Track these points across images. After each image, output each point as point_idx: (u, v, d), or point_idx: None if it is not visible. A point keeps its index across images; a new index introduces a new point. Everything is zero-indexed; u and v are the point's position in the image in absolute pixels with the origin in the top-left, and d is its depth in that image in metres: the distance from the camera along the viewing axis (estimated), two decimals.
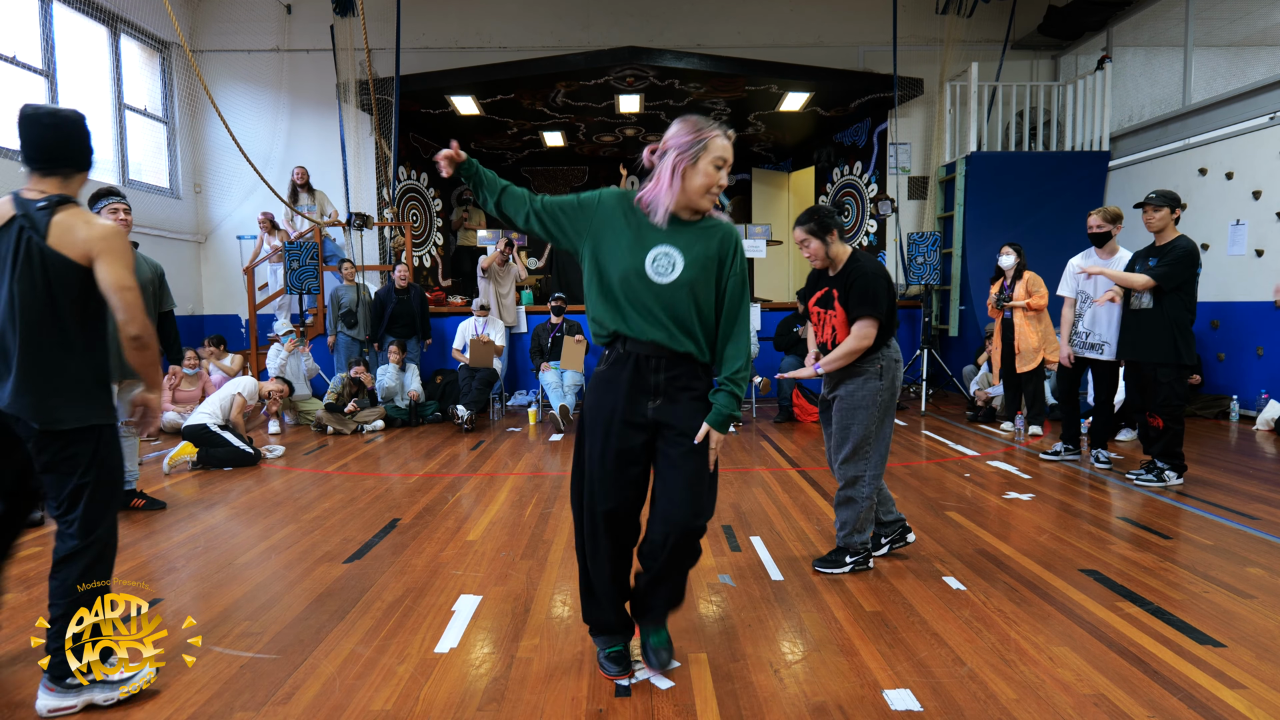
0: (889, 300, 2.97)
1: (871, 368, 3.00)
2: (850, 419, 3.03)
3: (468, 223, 10.95)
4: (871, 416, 3.00)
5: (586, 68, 8.25)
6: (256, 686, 2.25)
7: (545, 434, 6.61)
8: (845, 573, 3.09)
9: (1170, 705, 2.07)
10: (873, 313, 2.93)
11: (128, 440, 4.13)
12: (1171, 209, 4.26)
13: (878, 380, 3.00)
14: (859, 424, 3.01)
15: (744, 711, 2.08)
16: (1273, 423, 6.11)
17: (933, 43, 9.45)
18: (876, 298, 2.94)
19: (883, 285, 2.98)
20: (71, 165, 2.22)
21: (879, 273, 3.01)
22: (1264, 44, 7.30)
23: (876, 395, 2.99)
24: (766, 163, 12.71)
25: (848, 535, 3.10)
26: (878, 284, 2.96)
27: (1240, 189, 6.77)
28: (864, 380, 3.01)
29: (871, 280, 2.96)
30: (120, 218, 3.86)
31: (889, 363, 3.03)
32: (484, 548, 3.52)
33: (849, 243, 3.10)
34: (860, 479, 3.04)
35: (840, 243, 3.07)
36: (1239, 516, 3.80)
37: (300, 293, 8.16)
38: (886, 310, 2.95)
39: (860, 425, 3.01)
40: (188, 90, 9.27)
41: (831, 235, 3.04)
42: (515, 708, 2.12)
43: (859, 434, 3.02)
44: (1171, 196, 4.25)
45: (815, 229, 3.03)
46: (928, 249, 8.15)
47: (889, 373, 3.02)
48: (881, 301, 2.94)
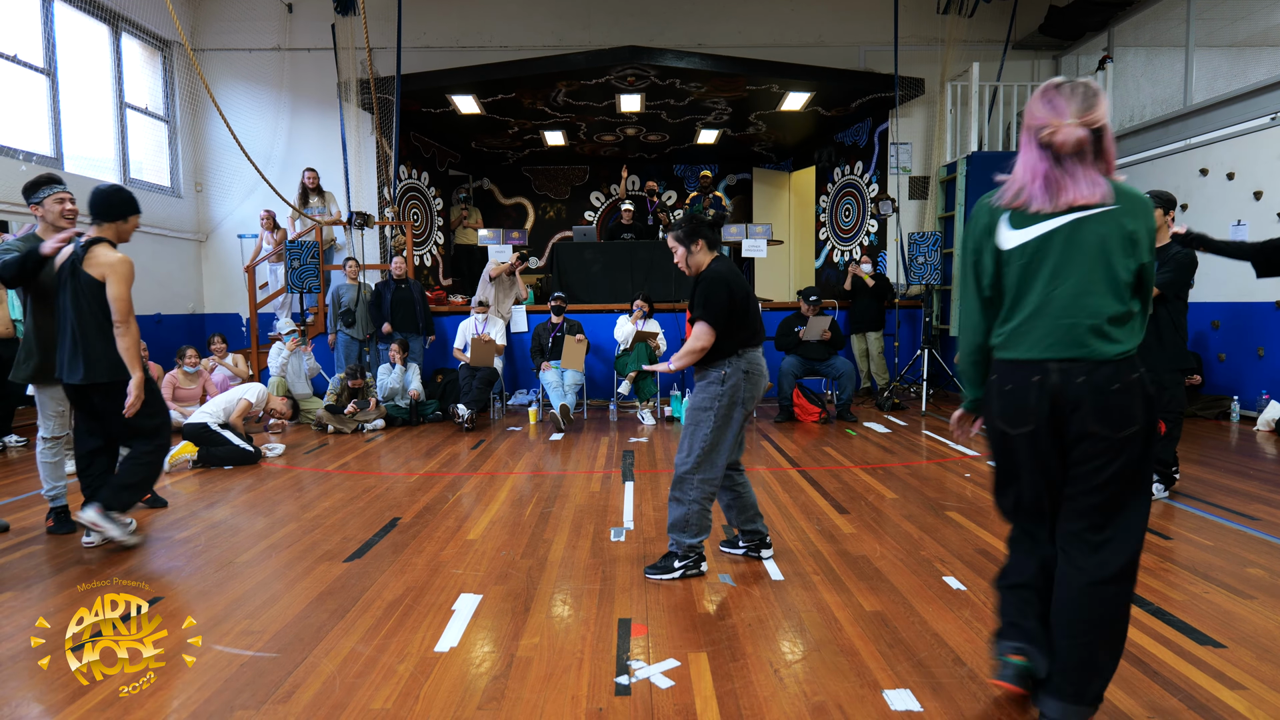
0: (731, 306, 2.98)
1: (715, 373, 3.05)
2: (691, 419, 3.08)
3: (466, 221, 10.95)
4: (706, 419, 3.02)
5: (587, 67, 8.25)
6: (257, 685, 2.25)
7: (545, 433, 6.61)
8: (675, 578, 3.06)
9: (1170, 705, 2.07)
10: (705, 316, 2.98)
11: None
12: (1166, 210, 4.20)
13: (719, 386, 3.03)
14: (694, 425, 3.05)
15: (744, 711, 2.08)
16: (1273, 423, 6.11)
17: (934, 43, 9.45)
18: (710, 302, 2.97)
19: (722, 291, 2.99)
20: (104, 218, 3.48)
21: (723, 279, 3.02)
22: (1265, 44, 7.30)
23: (714, 401, 3.02)
24: (767, 162, 12.71)
25: (679, 538, 3.08)
26: (716, 289, 2.99)
27: (1241, 189, 6.77)
28: (705, 384, 3.07)
29: (709, 285, 3.01)
30: (66, 207, 3.68)
31: (733, 371, 3.03)
32: (484, 547, 3.52)
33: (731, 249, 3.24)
34: (687, 481, 3.05)
35: (706, 251, 3.14)
36: (1239, 517, 3.80)
37: (301, 291, 8.17)
38: (729, 315, 2.98)
39: (693, 427, 3.05)
40: (189, 89, 9.27)
41: (697, 244, 3.12)
42: (515, 707, 2.12)
43: (692, 435, 3.05)
44: (1166, 197, 4.17)
45: (681, 236, 3.13)
46: (928, 249, 8.15)
47: (730, 381, 3.02)
48: (717, 307, 2.96)
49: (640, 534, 3.68)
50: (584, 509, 4.15)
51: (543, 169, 12.79)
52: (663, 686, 2.22)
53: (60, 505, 3.83)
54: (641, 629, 2.60)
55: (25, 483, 4.91)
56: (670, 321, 8.33)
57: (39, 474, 3.80)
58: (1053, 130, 1.84)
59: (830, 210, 10.97)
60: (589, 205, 12.83)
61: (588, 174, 12.85)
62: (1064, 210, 1.86)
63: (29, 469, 5.35)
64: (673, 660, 2.37)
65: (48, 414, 3.75)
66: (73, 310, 3.36)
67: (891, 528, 3.72)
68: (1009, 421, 1.93)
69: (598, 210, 12.82)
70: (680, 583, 3.03)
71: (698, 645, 2.48)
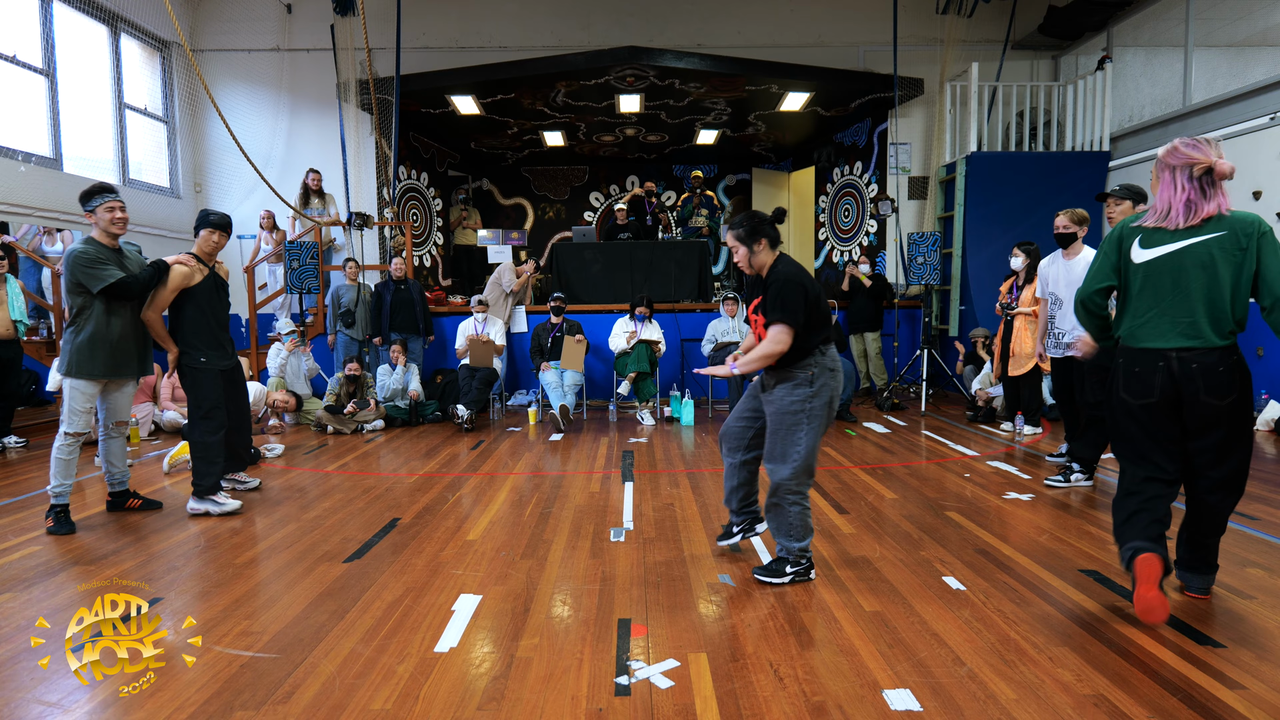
0: (808, 306, 2.91)
1: (801, 374, 2.96)
2: (777, 424, 2.99)
3: (466, 221, 10.95)
4: (798, 423, 2.94)
5: (587, 67, 8.26)
6: (256, 686, 2.25)
7: (545, 434, 6.61)
8: (785, 583, 3.00)
9: (1170, 705, 2.07)
10: (784, 318, 2.89)
11: (115, 441, 4.16)
12: (1135, 203, 4.17)
13: (808, 388, 2.94)
14: (787, 429, 2.96)
15: (744, 711, 2.08)
16: (1273, 423, 6.11)
17: (933, 43, 9.45)
18: (789, 304, 2.88)
19: (799, 291, 2.91)
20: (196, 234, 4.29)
21: (797, 279, 2.93)
22: (1264, 44, 7.30)
23: (806, 402, 2.94)
24: (767, 162, 12.72)
25: (787, 543, 3.02)
26: (792, 291, 2.90)
27: (1241, 189, 6.77)
28: (792, 386, 2.96)
29: (785, 287, 2.91)
30: (116, 215, 3.95)
31: (820, 370, 2.96)
32: (484, 547, 3.52)
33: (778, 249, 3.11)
34: (785, 486, 2.98)
35: (768, 251, 3.04)
36: (1239, 516, 3.79)
37: (300, 292, 8.17)
38: (807, 315, 2.91)
39: (786, 431, 2.96)
40: (188, 89, 9.27)
41: (760, 243, 3.02)
42: (515, 707, 2.12)
43: (786, 440, 2.96)
44: (1137, 190, 4.13)
45: (742, 235, 3.02)
46: (928, 249, 8.15)
47: (819, 380, 2.95)
48: (796, 309, 2.88)
49: (640, 534, 3.68)
50: (584, 509, 4.15)
51: (542, 169, 12.79)
52: (663, 687, 2.22)
53: (62, 504, 3.87)
54: (641, 629, 2.60)
55: (26, 483, 4.91)
56: (669, 321, 8.33)
57: (50, 469, 3.86)
58: (1206, 164, 2.54)
59: (829, 210, 10.97)
60: (588, 205, 12.83)
61: (587, 174, 12.85)
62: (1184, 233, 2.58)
63: (29, 469, 5.35)
64: (673, 660, 2.37)
65: (77, 409, 3.89)
66: (221, 309, 4.32)
67: (891, 528, 3.72)
68: (1134, 395, 2.66)
69: (597, 210, 12.83)
70: (680, 583, 3.03)
71: (698, 645, 2.48)
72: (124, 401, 4.14)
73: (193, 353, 4.15)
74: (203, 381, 4.16)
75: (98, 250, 3.90)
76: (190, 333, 4.15)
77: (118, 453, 4.17)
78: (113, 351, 3.94)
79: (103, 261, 3.87)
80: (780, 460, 2.97)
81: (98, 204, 3.91)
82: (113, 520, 4.05)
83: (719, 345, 7.40)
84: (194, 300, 4.16)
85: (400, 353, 7.29)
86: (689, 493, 4.48)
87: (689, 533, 3.69)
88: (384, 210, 9.33)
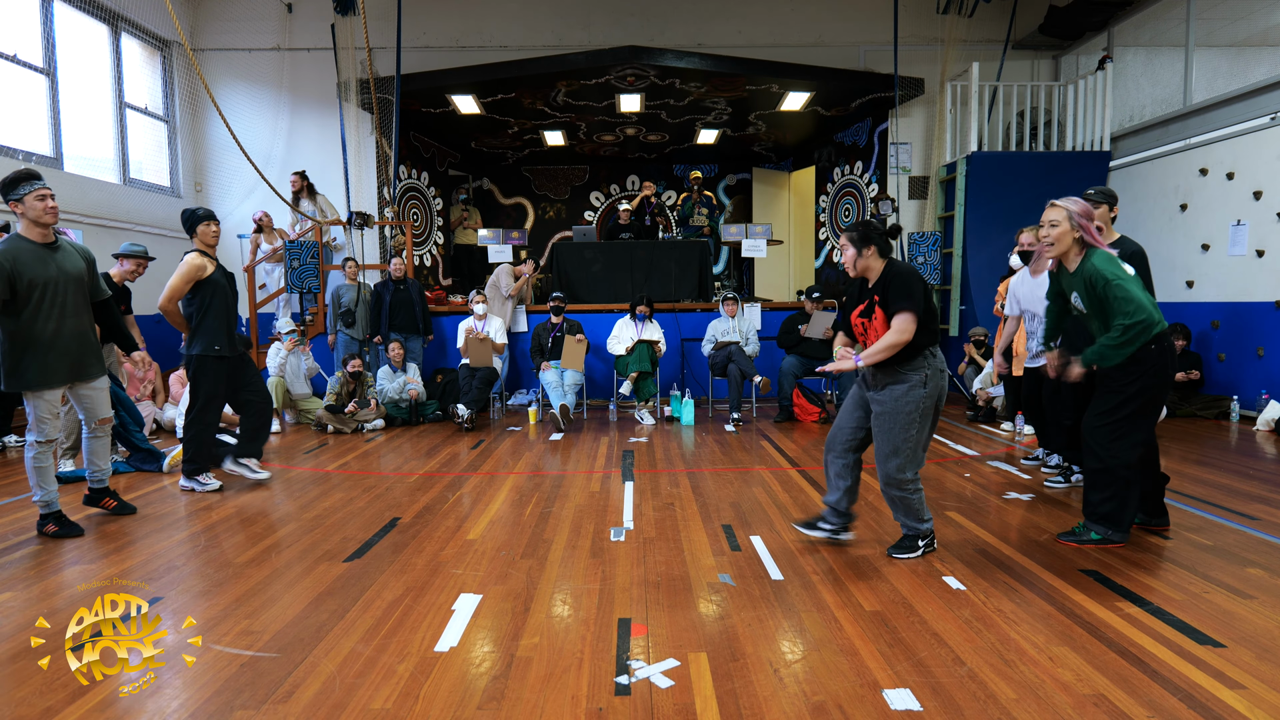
0: (927, 302, 3.10)
1: (915, 376, 3.13)
2: (891, 423, 3.17)
3: (466, 221, 10.95)
4: (912, 421, 3.15)
5: (587, 67, 8.25)
6: (256, 685, 2.25)
7: (545, 433, 6.61)
8: (918, 556, 3.28)
9: (1170, 705, 2.07)
10: (910, 306, 3.05)
11: (99, 440, 4.01)
12: (1110, 206, 4.14)
13: (922, 389, 3.13)
14: (900, 428, 3.16)
15: (744, 711, 2.08)
16: (1273, 423, 6.11)
17: (933, 42, 9.45)
18: (913, 293, 3.07)
19: (920, 283, 3.12)
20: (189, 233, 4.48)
21: (916, 273, 3.18)
22: (1265, 44, 7.31)
23: (920, 403, 3.14)
24: (767, 162, 12.71)
25: (914, 525, 3.29)
26: (914, 281, 3.11)
27: (1241, 189, 6.77)
28: (907, 388, 3.14)
29: (907, 278, 3.11)
30: (49, 204, 3.53)
31: (932, 372, 3.15)
32: (484, 547, 3.52)
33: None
34: (902, 478, 3.21)
35: (877, 258, 3.22)
36: (1239, 516, 3.80)
37: (301, 292, 8.16)
38: (924, 309, 3.08)
39: (900, 430, 3.16)
40: (188, 89, 9.27)
41: (869, 249, 3.20)
42: (515, 706, 2.12)
43: (899, 437, 3.17)
44: (1109, 193, 4.09)
45: (855, 239, 3.22)
46: (928, 249, 8.16)
47: (932, 381, 3.15)
48: (919, 298, 3.07)
49: (640, 534, 3.68)
50: (584, 509, 4.15)
51: (542, 169, 12.78)
52: (663, 686, 2.22)
53: (54, 511, 3.73)
54: (641, 629, 2.60)
55: (26, 482, 4.90)
56: (670, 321, 8.33)
57: (29, 480, 3.71)
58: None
59: (830, 210, 10.97)
60: (589, 205, 12.83)
61: (587, 174, 12.85)
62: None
63: None
64: (673, 660, 2.37)
65: (44, 416, 3.67)
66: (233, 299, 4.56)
67: (891, 528, 3.72)
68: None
69: (597, 210, 12.82)
70: (680, 583, 3.03)
71: (698, 645, 2.48)
72: (100, 398, 3.89)
73: (209, 339, 4.35)
74: (208, 371, 4.44)
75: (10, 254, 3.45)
76: (210, 321, 4.40)
77: (101, 452, 4.01)
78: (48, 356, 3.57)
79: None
80: (890, 452, 3.19)
81: (25, 192, 3.44)
82: (112, 520, 4.04)
83: (719, 345, 7.40)
84: (209, 290, 4.40)
85: (400, 353, 7.28)
86: (689, 492, 4.48)
87: (689, 532, 3.69)
88: (384, 210, 9.33)
